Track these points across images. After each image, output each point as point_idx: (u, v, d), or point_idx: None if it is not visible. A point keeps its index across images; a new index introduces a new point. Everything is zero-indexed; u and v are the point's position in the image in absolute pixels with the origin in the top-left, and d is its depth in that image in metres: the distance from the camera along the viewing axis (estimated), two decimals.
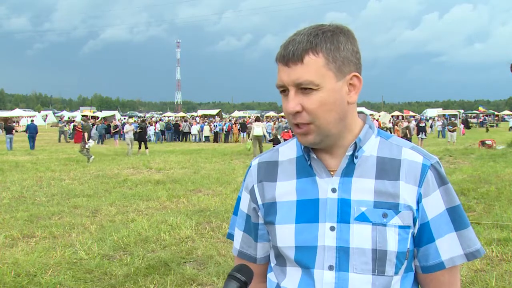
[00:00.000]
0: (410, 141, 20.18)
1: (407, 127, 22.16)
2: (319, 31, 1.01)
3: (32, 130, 22.89)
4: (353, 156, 1.07)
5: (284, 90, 1.04)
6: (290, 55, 0.99)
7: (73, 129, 29.90)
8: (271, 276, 1.19)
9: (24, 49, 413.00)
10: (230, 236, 1.29)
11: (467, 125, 27.56)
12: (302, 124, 1.02)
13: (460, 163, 14.03)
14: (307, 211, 1.08)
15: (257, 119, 20.54)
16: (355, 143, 1.06)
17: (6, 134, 21.92)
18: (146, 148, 19.79)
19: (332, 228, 1.05)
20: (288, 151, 1.17)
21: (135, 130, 20.75)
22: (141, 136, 19.98)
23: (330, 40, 1.00)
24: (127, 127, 20.59)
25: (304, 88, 0.99)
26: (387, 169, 1.06)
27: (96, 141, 25.90)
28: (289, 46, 1.00)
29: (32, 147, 22.24)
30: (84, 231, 6.22)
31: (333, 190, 1.06)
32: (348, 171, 1.07)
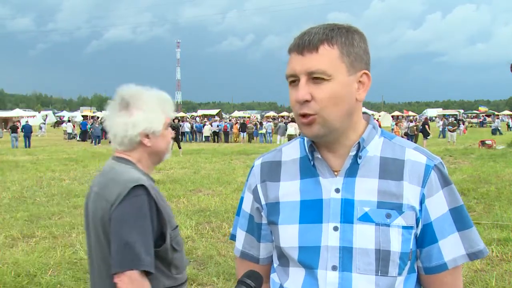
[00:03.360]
0: (416, 141, 20.04)
1: (415, 126, 22.15)
2: (335, 26, 1.03)
3: (27, 130, 24.37)
4: (356, 156, 1.07)
5: (293, 81, 1.03)
6: (306, 43, 1.00)
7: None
8: (274, 276, 1.18)
9: (25, 49, 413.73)
10: (233, 237, 1.28)
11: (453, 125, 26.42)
12: (308, 114, 1.01)
13: (460, 163, 14.02)
14: (311, 211, 1.08)
15: (292, 120, 20.66)
16: (359, 143, 1.06)
17: (12, 133, 23.86)
18: (180, 147, 19.16)
19: (335, 228, 1.05)
20: (292, 151, 1.17)
21: None
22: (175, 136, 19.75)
23: (345, 35, 1.02)
24: None
25: (315, 78, 1.00)
26: (391, 169, 1.06)
27: (94, 142, 25.94)
28: (305, 36, 1.01)
29: (28, 145, 23.50)
30: (84, 231, 6.21)
31: (337, 190, 1.06)
32: (352, 171, 1.07)
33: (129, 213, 1.40)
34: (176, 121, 22.74)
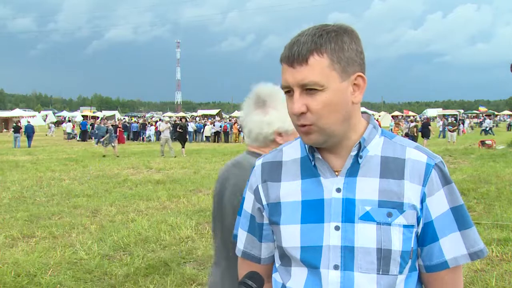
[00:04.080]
0: (416, 140, 20.19)
1: (416, 126, 22.22)
2: (323, 31, 1.01)
3: (29, 130, 24.86)
4: (357, 156, 1.07)
5: (289, 91, 1.04)
6: (295, 56, 1.00)
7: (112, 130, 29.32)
8: (276, 276, 1.19)
9: (26, 49, 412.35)
10: (235, 237, 1.29)
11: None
12: (307, 125, 1.02)
13: (460, 163, 14.03)
14: (312, 211, 1.08)
15: None
16: (360, 143, 1.06)
17: (14, 133, 24.31)
18: (183, 147, 18.89)
19: (337, 228, 1.05)
20: (292, 151, 1.17)
21: (171, 129, 19.83)
22: (182, 136, 19.15)
23: (334, 40, 1.00)
24: (162, 126, 19.37)
25: (309, 89, 1.00)
26: (392, 168, 1.06)
27: (96, 142, 25.98)
28: (293, 47, 1.00)
29: (29, 145, 24.05)
30: (84, 231, 6.22)
31: (338, 190, 1.06)
32: (353, 171, 1.07)
33: None
34: (183, 120, 22.61)
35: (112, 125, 28.20)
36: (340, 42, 1.01)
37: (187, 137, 19.45)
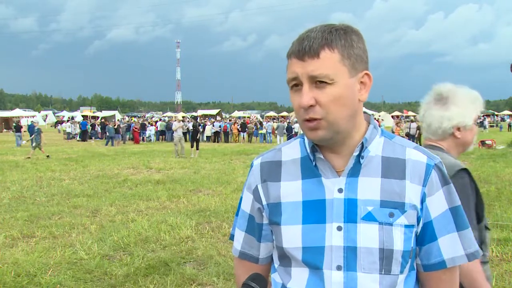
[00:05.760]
0: (418, 141, 20.26)
1: (418, 128, 22.22)
2: (332, 28, 1.02)
3: (33, 130, 24.78)
4: (359, 156, 1.07)
5: (295, 85, 1.03)
6: (306, 49, 1.00)
7: (124, 129, 29.13)
8: (275, 276, 1.18)
9: (27, 49, 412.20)
10: (233, 237, 1.28)
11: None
12: (314, 119, 1.01)
13: None
14: (314, 211, 1.08)
15: None
16: (362, 143, 1.06)
17: (16, 132, 25.04)
18: (197, 149, 18.45)
19: (339, 228, 1.05)
20: (292, 151, 1.17)
21: (185, 128, 19.58)
22: (193, 136, 18.82)
23: (344, 37, 1.02)
24: (175, 125, 18.96)
25: (318, 82, 1.00)
26: (393, 168, 1.07)
27: (106, 142, 26.00)
28: (304, 42, 1.01)
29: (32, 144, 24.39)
30: (84, 231, 6.21)
31: (340, 190, 1.06)
32: (355, 171, 1.07)
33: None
34: (188, 120, 22.55)
35: (117, 126, 28.25)
36: (349, 39, 1.02)
37: (198, 137, 19.23)
